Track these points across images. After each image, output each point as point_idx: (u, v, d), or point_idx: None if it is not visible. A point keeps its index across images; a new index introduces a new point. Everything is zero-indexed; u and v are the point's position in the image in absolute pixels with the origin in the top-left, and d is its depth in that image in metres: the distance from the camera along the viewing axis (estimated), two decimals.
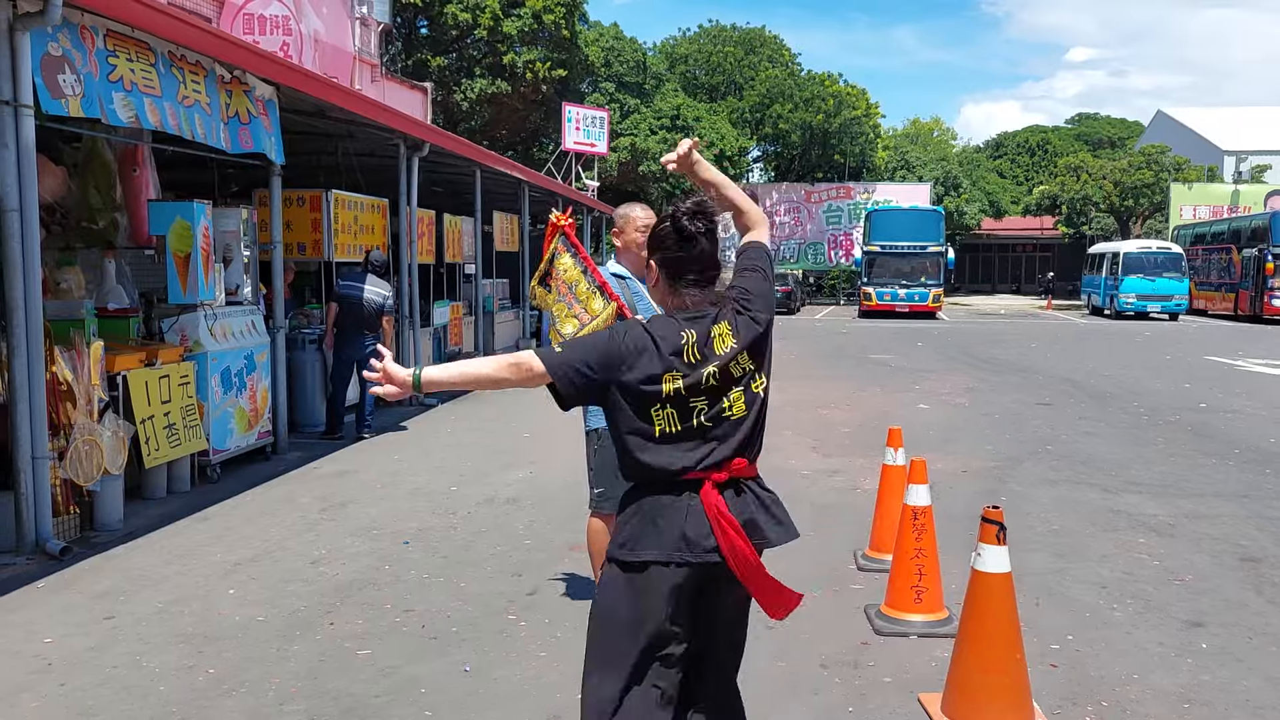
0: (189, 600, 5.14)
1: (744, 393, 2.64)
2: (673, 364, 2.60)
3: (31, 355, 5.81)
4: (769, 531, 2.69)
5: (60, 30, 5.91)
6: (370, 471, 8.36)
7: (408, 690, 4.09)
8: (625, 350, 2.60)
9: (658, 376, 2.58)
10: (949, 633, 4.50)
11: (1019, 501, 7.19)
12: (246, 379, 8.28)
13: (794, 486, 7.82)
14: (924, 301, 32.47)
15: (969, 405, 12.35)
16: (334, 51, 19.21)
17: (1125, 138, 61.30)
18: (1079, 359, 18.41)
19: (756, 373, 2.67)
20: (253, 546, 6.10)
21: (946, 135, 66.06)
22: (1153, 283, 32.16)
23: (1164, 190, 43.23)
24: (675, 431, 2.60)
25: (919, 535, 4.63)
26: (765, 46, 45.89)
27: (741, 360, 2.65)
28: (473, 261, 15.99)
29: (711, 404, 2.61)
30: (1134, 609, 5.09)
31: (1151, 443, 9.76)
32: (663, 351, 2.60)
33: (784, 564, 5.77)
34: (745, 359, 2.66)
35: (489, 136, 32.48)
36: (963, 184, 48.57)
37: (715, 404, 2.61)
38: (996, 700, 3.60)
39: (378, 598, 5.21)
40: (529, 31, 29.82)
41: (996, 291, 55.24)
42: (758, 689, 4.11)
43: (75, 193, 7.85)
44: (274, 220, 9.06)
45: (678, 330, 2.63)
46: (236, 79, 7.85)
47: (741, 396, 2.64)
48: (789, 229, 43.42)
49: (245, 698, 4.01)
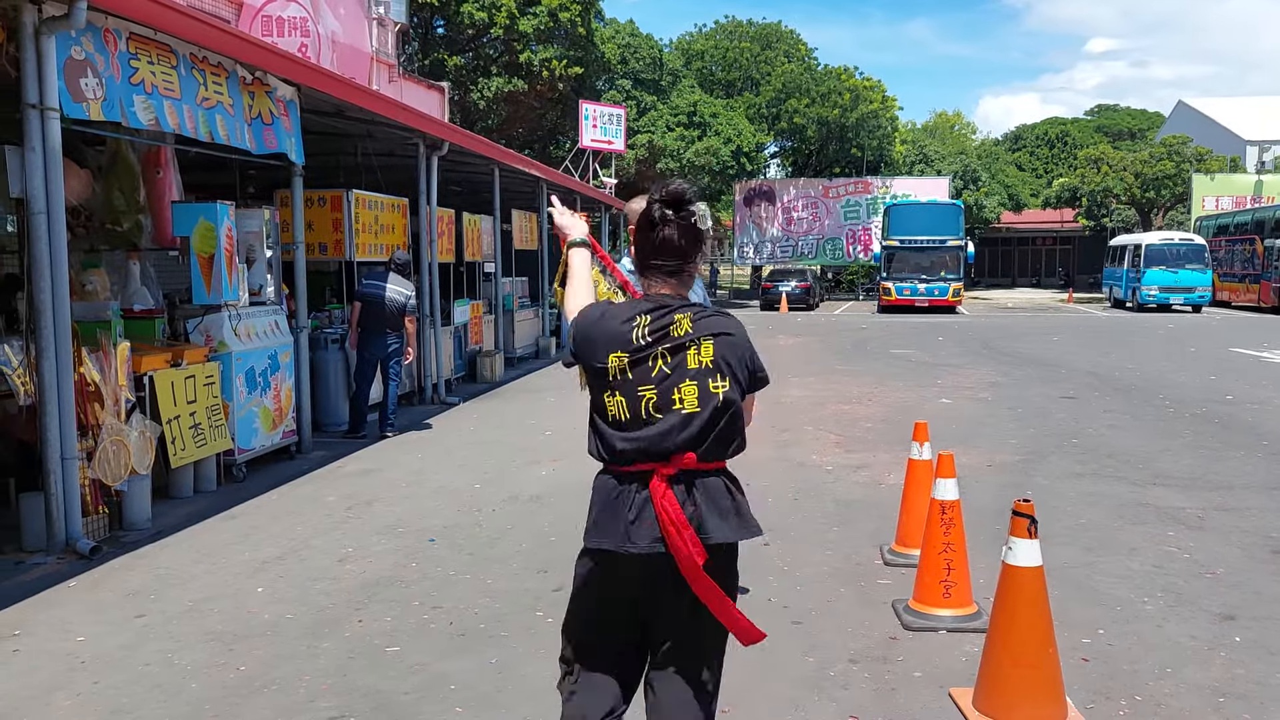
0: (218, 598, 5.17)
1: (698, 387, 2.57)
2: (618, 343, 2.60)
3: (60, 357, 5.85)
4: (711, 528, 2.59)
5: (84, 34, 5.95)
6: (394, 470, 8.39)
7: (437, 687, 4.10)
8: (591, 330, 2.65)
9: (605, 355, 2.60)
10: (978, 627, 4.48)
11: (1046, 495, 7.14)
12: (270, 379, 8.32)
13: (818, 482, 7.81)
14: (944, 296, 32.27)
15: (992, 399, 12.28)
16: (351, 52, 19.26)
17: (1145, 129, 60.80)
18: (1102, 352, 18.28)
19: (717, 372, 2.59)
20: (280, 545, 6.13)
21: (966, 129, 65.72)
22: (1175, 275, 31.86)
23: (1185, 181, 42.84)
24: (625, 419, 2.58)
25: (947, 530, 4.61)
26: (781, 41, 45.73)
27: (702, 352, 2.59)
28: (492, 260, 16.02)
29: (661, 394, 2.57)
30: (1165, 602, 5.05)
31: (1178, 435, 9.67)
32: (613, 330, 2.61)
33: (810, 558, 5.77)
34: (706, 352, 2.59)
35: (506, 135, 32.50)
36: (982, 177, 48.28)
37: (665, 395, 2.57)
38: (1029, 694, 3.58)
39: (405, 595, 5.22)
40: (545, 30, 29.81)
41: (1017, 285, 54.90)
42: (786, 684, 4.11)
43: (100, 195, 7.90)
44: (296, 220, 9.10)
45: (635, 312, 2.62)
46: (258, 80, 7.89)
47: (695, 391, 2.57)
48: (807, 224, 43.29)
49: (276, 695, 4.03)
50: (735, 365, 2.61)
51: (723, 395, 2.58)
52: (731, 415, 2.60)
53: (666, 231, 2.66)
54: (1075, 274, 51.04)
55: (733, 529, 2.64)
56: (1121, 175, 43.69)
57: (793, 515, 6.79)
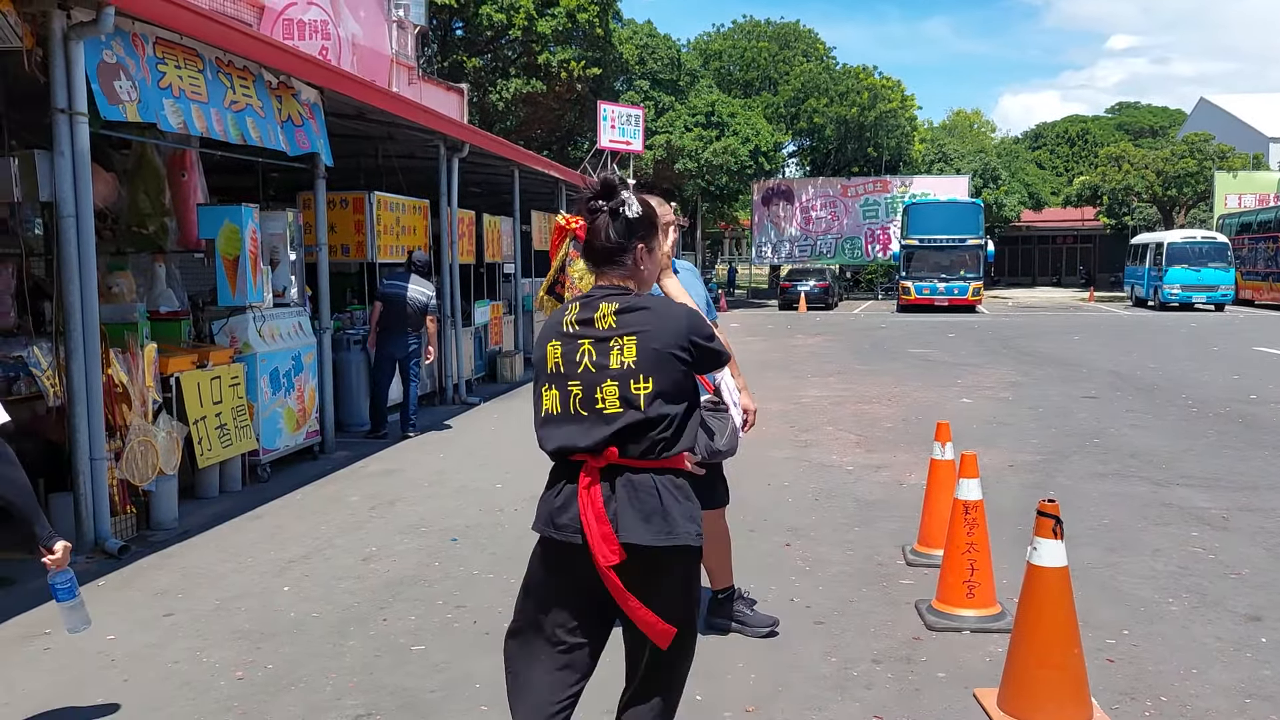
0: (245, 597, 5.22)
1: (619, 388, 2.57)
2: (553, 333, 2.69)
3: (88, 358, 5.93)
4: (625, 526, 2.57)
5: (113, 38, 6.03)
6: (416, 470, 8.44)
7: (462, 685, 4.14)
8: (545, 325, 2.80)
9: (544, 346, 2.69)
10: (1002, 628, 4.47)
11: (1068, 495, 7.11)
12: (294, 379, 8.39)
13: (838, 482, 7.80)
14: (963, 295, 32.14)
15: (1013, 399, 12.23)
16: (371, 55, 19.36)
17: (1167, 126, 60.33)
18: (1124, 351, 18.17)
19: (640, 374, 2.56)
20: (304, 544, 6.19)
21: (985, 127, 65.40)
22: (1198, 273, 31.61)
23: (1208, 179, 42.49)
24: (556, 413, 2.66)
25: (970, 530, 4.60)
26: (800, 41, 45.62)
27: (625, 352, 2.58)
28: (512, 261, 16.08)
29: (585, 391, 2.60)
30: (1190, 603, 5.03)
31: (1201, 435, 9.61)
32: (553, 320, 2.73)
33: (831, 558, 5.78)
34: (629, 351, 2.57)
35: (524, 136, 32.57)
36: (1002, 176, 48.03)
37: (589, 392, 2.59)
38: (1054, 695, 3.57)
39: (429, 594, 5.26)
40: (563, 31, 29.86)
41: (1037, 284, 54.59)
42: (809, 684, 4.12)
43: (125, 198, 7.98)
44: (319, 222, 9.17)
45: (570, 302, 2.71)
46: (283, 84, 7.96)
47: (616, 392, 2.57)
48: (825, 224, 43.18)
49: (304, 692, 4.08)
50: (662, 360, 2.57)
51: (644, 398, 2.56)
52: (658, 418, 2.57)
53: (598, 222, 2.71)
54: (1096, 273, 50.69)
55: (651, 532, 2.58)
56: (1143, 173, 43.37)
57: (813, 515, 6.80)
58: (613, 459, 2.59)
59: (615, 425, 2.57)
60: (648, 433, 2.58)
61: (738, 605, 4.66)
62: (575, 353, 2.62)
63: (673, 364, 2.59)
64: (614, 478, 2.60)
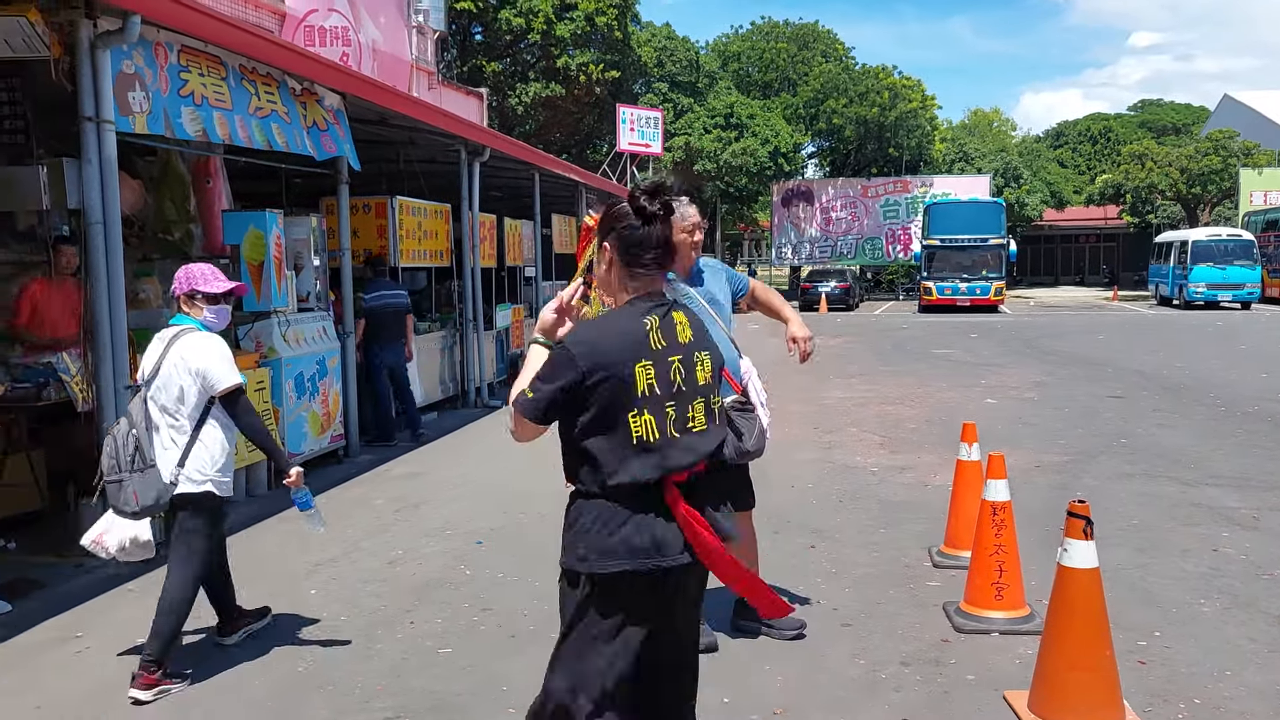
0: (273, 600, 5.23)
1: (705, 405, 2.55)
2: (642, 350, 2.48)
3: (117, 364, 5.97)
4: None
5: (135, 48, 6.07)
6: (440, 473, 8.46)
7: (490, 688, 4.14)
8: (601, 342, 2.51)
9: (631, 366, 2.46)
10: (1032, 630, 4.44)
11: (1096, 496, 7.04)
12: (319, 384, 8.44)
13: (862, 483, 7.77)
14: (985, 295, 31.96)
15: (1038, 399, 12.15)
16: (392, 60, 19.45)
17: (1190, 124, 59.81)
18: (1149, 351, 18.01)
19: (715, 389, 2.61)
20: (331, 548, 6.21)
21: (1006, 126, 65.08)
22: (1223, 271, 31.30)
23: (1233, 176, 42.08)
24: (653, 440, 2.47)
25: (999, 531, 4.57)
26: (819, 42, 45.58)
27: (704, 365, 2.59)
28: (532, 264, 16.10)
29: (679, 412, 2.51)
30: (1221, 604, 4.98)
31: (1230, 435, 9.52)
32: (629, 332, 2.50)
33: (857, 560, 5.75)
34: (706, 365, 2.59)
35: (543, 140, 32.67)
36: (1023, 175, 47.77)
37: (682, 413, 2.51)
38: (1085, 697, 3.54)
39: (455, 597, 5.28)
40: (582, 34, 29.96)
41: (1060, 284, 54.20)
42: (837, 686, 4.11)
43: (151, 205, 8.06)
44: (342, 227, 9.22)
45: (640, 313, 2.53)
46: (307, 90, 8.01)
47: (703, 409, 2.55)
48: (846, 224, 43.04)
49: (334, 695, 4.10)
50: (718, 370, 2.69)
51: (718, 411, 2.64)
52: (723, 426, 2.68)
53: (659, 226, 2.57)
54: (1120, 271, 50.26)
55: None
56: (1166, 171, 43.00)
57: (839, 517, 6.77)
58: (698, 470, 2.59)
59: (709, 444, 2.57)
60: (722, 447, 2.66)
61: None
62: (669, 371, 2.51)
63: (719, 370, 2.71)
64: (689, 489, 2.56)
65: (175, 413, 4.23)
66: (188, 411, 4.23)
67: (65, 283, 6.62)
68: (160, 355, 4.27)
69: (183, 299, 4.36)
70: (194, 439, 4.23)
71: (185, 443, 4.23)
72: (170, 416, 4.24)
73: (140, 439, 4.21)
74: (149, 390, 4.28)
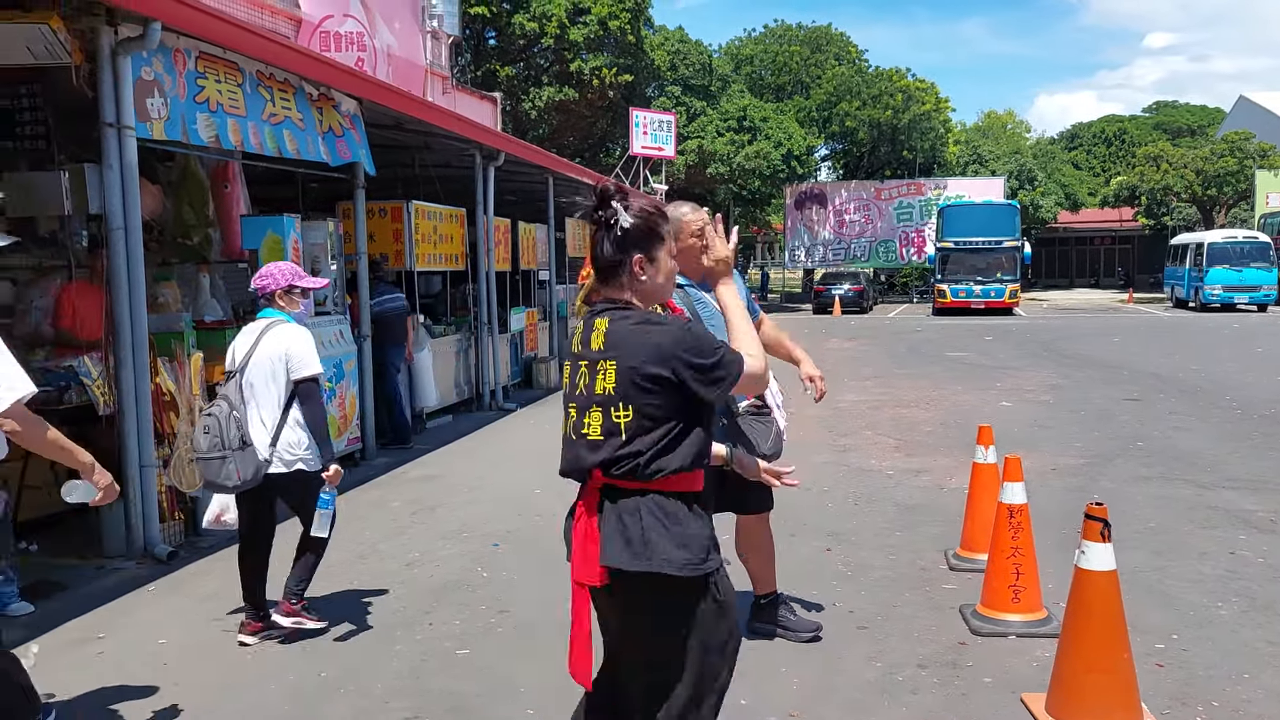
0: None
1: (602, 415, 2.49)
2: (569, 352, 2.66)
3: (138, 368, 6.04)
4: (605, 549, 2.48)
5: (155, 54, 6.14)
6: (457, 476, 8.50)
7: (508, 689, 4.17)
8: None
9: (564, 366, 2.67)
10: (1049, 633, 4.44)
11: (1112, 499, 6.99)
12: (336, 387, 8.48)
13: (878, 486, 7.77)
14: (1000, 298, 31.86)
15: (1054, 402, 12.11)
16: (407, 65, 19.52)
17: (1205, 125, 59.48)
18: (1165, 353, 17.93)
19: (621, 400, 2.46)
20: (349, 550, 6.25)
21: (1020, 128, 64.84)
22: (1239, 273, 31.12)
23: (1249, 178, 41.82)
24: (566, 435, 2.63)
25: (1015, 534, 4.57)
26: (831, 44, 45.48)
27: (607, 376, 2.48)
28: (546, 268, 16.15)
29: (578, 415, 2.55)
30: (1239, 607, 4.96)
31: (1246, 437, 9.48)
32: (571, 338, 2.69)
33: (873, 563, 5.75)
34: (609, 376, 2.48)
35: (557, 144, 32.70)
36: (1038, 177, 47.59)
37: (580, 417, 2.54)
38: (1104, 700, 3.54)
39: (472, 599, 5.31)
40: (595, 38, 29.99)
41: (1075, 286, 53.97)
42: (854, 689, 4.11)
43: (170, 209, 8.12)
44: (358, 232, 9.27)
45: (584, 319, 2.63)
46: (324, 95, 8.06)
47: (600, 420, 2.50)
48: (859, 227, 42.95)
49: (354, 696, 4.13)
50: (641, 383, 2.45)
51: (624, 426, 2.46)
52: (645, 444, 2.46)
53: (601, 234, 2.58)
54: (1135, 274, 50.06)
55: (630, 556, 2.45)
56: (1182, 173, 42.78)
57: (854, 520, 6.78)
58: (604, 480, 2.53)
59: (599, 455, 2.50)
60: (635, 458, 2.47)
61: (781, 610, 4.66)
62: (576, 374, 2.58)
63: (656, 386, 2.45)
64: (612, 499, 2.51)
65: (266, 396, 4.63)
66: (277, 395, 4.63)
67: (96, 286, 6.69)
68: (253, 344, 4.66)
69: (279, 294, 4.75)
70: (283, 420, 4.63)
71: (275, 424, 4.62)
72: (261, 400, 4.63)
73: (240, 419, 4.54)
74: (242, 376, 4.64)
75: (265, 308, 4.78)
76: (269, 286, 4.75)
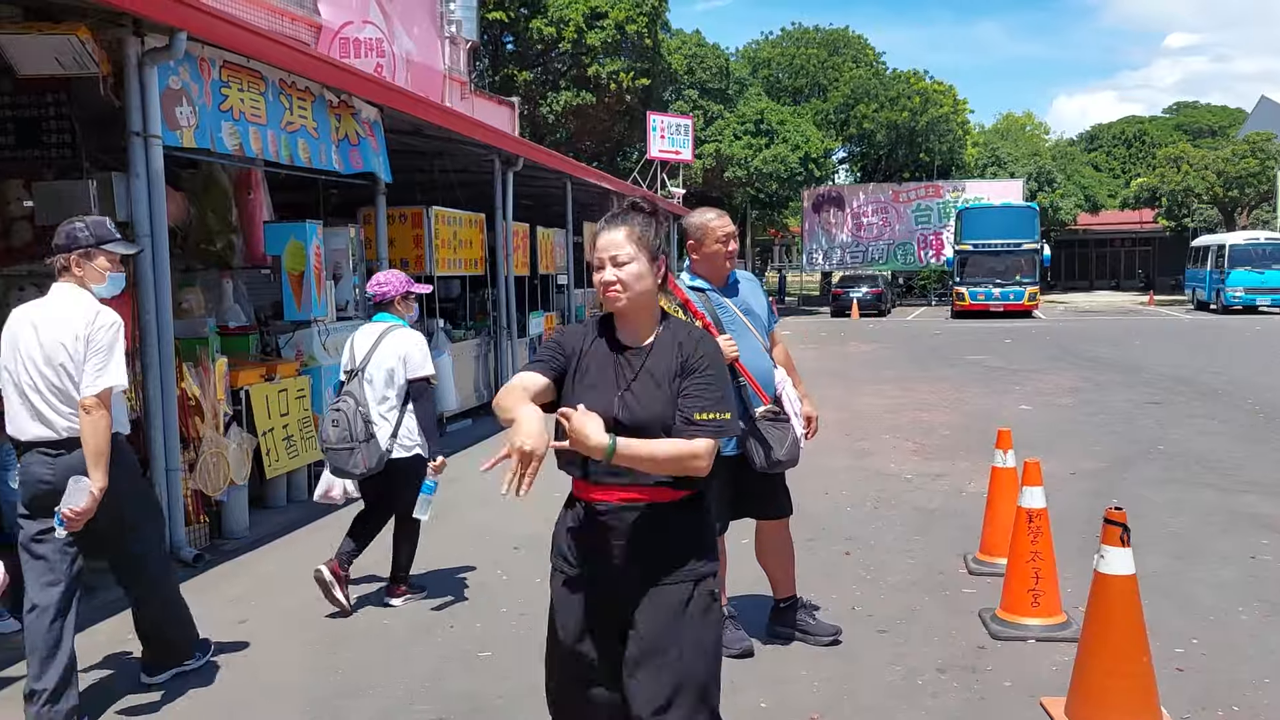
0: (315, 604, 5.33)
1: None
2: None
3: (164, 373, 6.11)
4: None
5: (181, 63, 6.22)
6: (476, 479, 8.53)
7: (529, 691, 4.20)
8: None
9: None
10: (1068, 637, 4.45)
11: (1132, 503, 7.00)
12: None
13: (897, 490, 7.78)
14: (1019, 300, 31.71)
15: (1073, 405, 12.08)
16: (425, 70, 19.64)
17: (1227, 126, 59.00)
18: (1187, 356, 17.83)
19: None
20: (371, 552, 6.27)
21: (1039, 129, 64.53)
22: (1262, 275, 30.87)
23: (1271, 179, 41.47)
24: None
25: (1035, 538, 4.58)
26: (849, 47, 45.38)
27: None
28: (564, 272, 16.22)
29: None
30: (1260, 611, 4.95)
31: (1268, 440, 9.43)
32: None
33: (892, 567, 5.77)
34: None
35: (574, 148, 32.79)
36: (1057, 179, 47.33)
37: None
38: (1123, 704, 3.56)
39: (493, 602, 5.35)
40: (612, 42, 30.05)
41: (1095, 288, 53.66)
42: (874, 693, 4.13)
43: (194, 216, 8.22)
44: (379, 238, 9.36)
45: None
46: (344, 103, 8.14)
47: None
48: (877, 230, 42.85)
49: (377, 698, 4.18)
50: None
51: None
52: None
53: None
54: (1156, 276, 49.70)
55: None
56: (1203, 174, 42.46)
57: (873, 524, 6.79)
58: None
59: None
60: None
61: (800, 614, 4.69)
62: None
63: None
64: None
65: (387, 393, 5.11)
66: (396, 392, 5.11)
67: (123, 293, 6.78)
68: (372, 346, 5.15)
69: (398, 300, 5.26)
70: (403, 414, 5.11)
71: (395, 417, 5.11)
72: (382, 397, 5.11)
73: (366, 414, 5.04)
74: (362, 374, 5.12)
75: (379, 312, 5.28)
76: (389, 293, 5.24)
